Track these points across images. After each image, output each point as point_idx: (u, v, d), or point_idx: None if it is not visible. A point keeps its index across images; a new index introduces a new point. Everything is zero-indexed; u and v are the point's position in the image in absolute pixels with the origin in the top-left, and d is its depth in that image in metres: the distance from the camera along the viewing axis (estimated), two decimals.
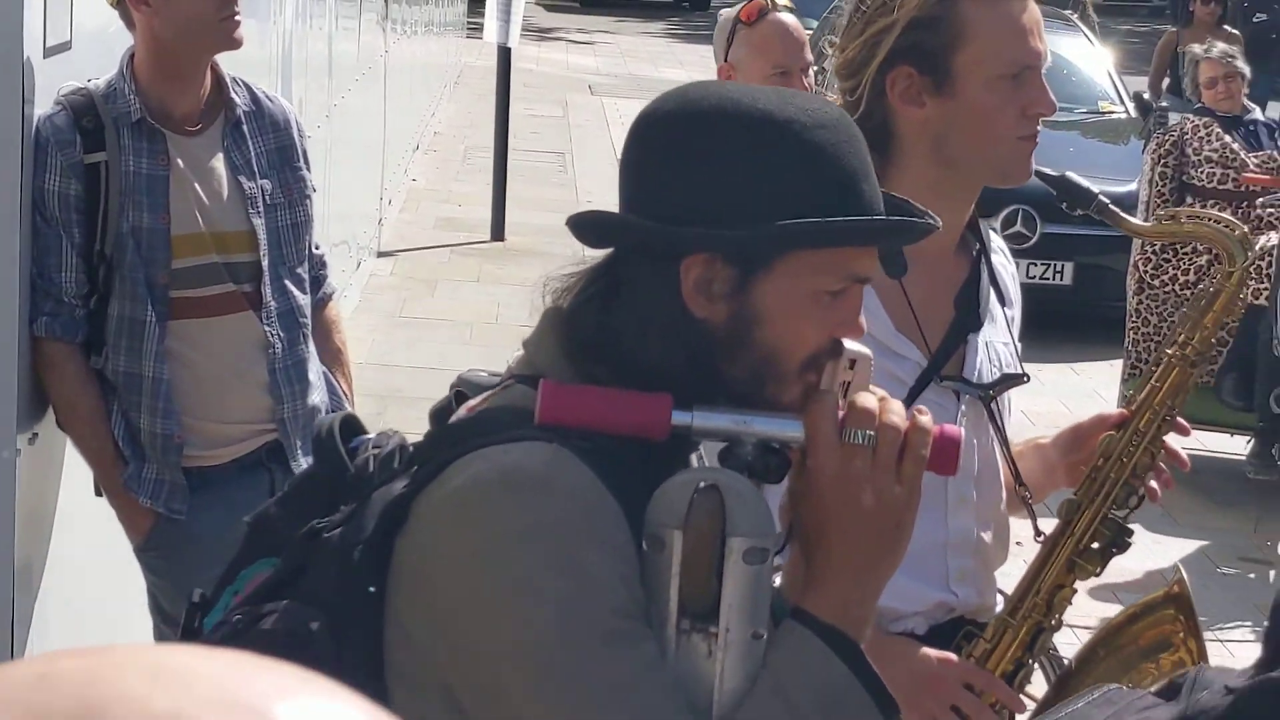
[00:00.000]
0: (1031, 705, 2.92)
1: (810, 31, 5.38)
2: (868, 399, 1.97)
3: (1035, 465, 2.99)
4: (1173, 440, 2.92)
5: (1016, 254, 10.79)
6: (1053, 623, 2.88)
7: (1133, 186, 9.39)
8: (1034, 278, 10.15)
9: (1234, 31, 12.13)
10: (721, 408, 1.96)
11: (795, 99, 2.04)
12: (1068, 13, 14.48)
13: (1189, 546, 7.48)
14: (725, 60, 5.02)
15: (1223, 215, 3.04)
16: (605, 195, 10.93)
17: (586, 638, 1.86)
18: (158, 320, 4.02)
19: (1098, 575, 2.88)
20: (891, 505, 1.94)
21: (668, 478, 1.91)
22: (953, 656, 2.80)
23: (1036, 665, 2.91)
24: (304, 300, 4.27)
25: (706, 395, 1.96)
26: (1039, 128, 2.81)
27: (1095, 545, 2.85)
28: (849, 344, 2.01)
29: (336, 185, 8.74)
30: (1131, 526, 2.87)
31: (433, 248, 12.14)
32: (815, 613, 1.93)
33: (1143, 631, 2.95)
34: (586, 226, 2.02)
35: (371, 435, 2.12)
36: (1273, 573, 7.54)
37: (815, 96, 2.21)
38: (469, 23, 21.76)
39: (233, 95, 4.19)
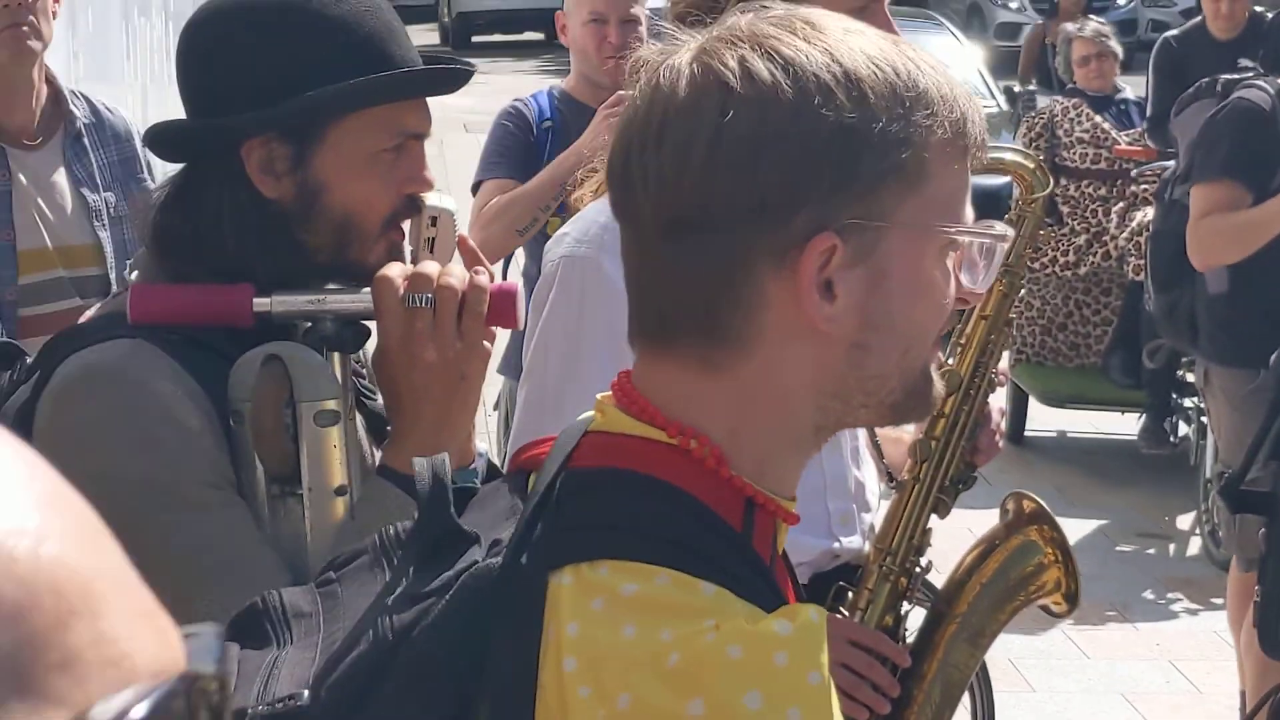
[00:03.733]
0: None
1: None
2: (428, 266, 2.10)
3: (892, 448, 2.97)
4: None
5: None
6: (923, 564, 2.81)
7: (1008, 178, 9.32)
8: None
9: (1100, 19, 12.17)
10: (300, 290, 2.11)
11: None
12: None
13: (1087, 526, 7.45)
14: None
15: (1019, 148, 3.00)
16: None
17: (171, 508, 1.99)
18: (8, 338, 3.89)
19: (947, 515, 2.82)
20: (454, 359, 2.08)
21: None
22: (836, 615, 2.71)
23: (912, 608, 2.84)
24: None
25: (293, 272, 2.11)
26: None
27: (949, 482, 2.79)
28: (431, 201, 2.19)
29: None
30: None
31: None
32: (395, 466, 2.09)
33: (1011, 561, 2.87)
34: (157, 139, 2.20)
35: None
36: (1172, 545, 7.52)
37: None
38: None
39: (72, 108, 4.10)
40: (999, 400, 2.88)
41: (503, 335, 2.28)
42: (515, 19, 27.89)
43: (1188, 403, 7.89)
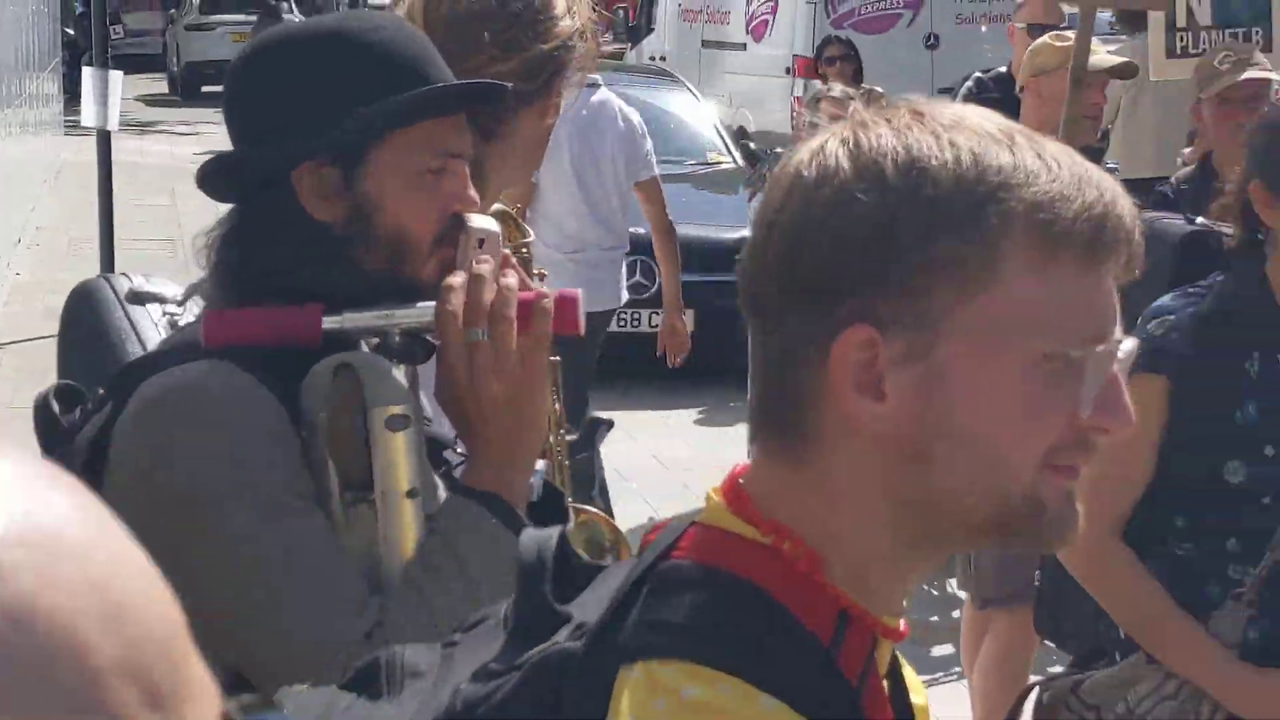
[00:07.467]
0: None
1: None
2: (482, 291, 2.10)
3: None
4: None
5: (637, 303, 10.40)
6: None
7: (745, 232, 9.38)
8: (656, 326, 9.81)
9: (876, 90, 12.30)
10: (367, 307, 2.14)
11: (357, 15, 2.33)
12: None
13: None
14: None
15: None
16: None
17: (251, 516, 2.05)
18: None
19: None
20: (518, 386, 2.12)
21: None
22: None
23: None
24: None
25: (352, 293, 2.14)
26: None
27: None
28: (476, 222, 2.19)
29: None
30: None
31: (44, 337, 11.79)
32: (473, 484, 2.15)
33: None
34: (209, 173, 2.21)
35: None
36: None
37: (374, 13, 2.45)
38: (66, 120, 21.26)
39: None
40: None
41: None
42: None
43: None
